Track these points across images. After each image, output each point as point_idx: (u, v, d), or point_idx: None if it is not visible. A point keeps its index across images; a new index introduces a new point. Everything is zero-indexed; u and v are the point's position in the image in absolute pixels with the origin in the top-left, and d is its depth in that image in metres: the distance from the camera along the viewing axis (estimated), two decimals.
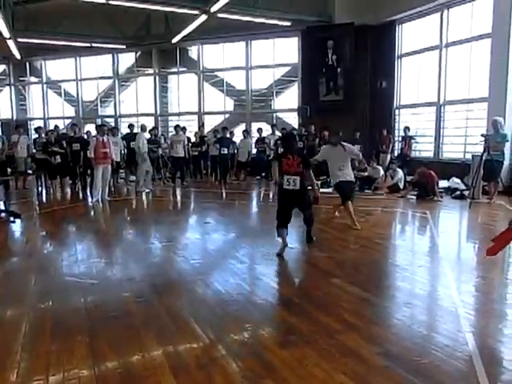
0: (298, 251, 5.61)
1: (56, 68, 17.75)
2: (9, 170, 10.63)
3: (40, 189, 11.27)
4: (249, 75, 14.79)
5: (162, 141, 12.68)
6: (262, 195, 10.70)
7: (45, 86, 17.72)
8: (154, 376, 2.59)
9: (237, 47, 14.79)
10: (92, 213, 8.61)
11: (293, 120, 14.38)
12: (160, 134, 13.34)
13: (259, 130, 13.03)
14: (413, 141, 11.76)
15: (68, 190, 11.02)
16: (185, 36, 13.29)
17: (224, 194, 10.22)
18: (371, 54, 12.84)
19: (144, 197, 10.77)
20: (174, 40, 13.77)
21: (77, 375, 2.61)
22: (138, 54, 16.20)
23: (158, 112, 16.16)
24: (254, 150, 12.97)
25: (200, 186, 11.33)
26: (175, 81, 16.22)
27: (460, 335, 3.08)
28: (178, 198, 10.64)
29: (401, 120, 12.85)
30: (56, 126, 12.97)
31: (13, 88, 18.05)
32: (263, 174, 12.90)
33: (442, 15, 11.13)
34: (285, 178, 5.03)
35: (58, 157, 10.55)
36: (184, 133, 12.35)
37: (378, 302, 3.75)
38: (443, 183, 9.75)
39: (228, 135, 12.16)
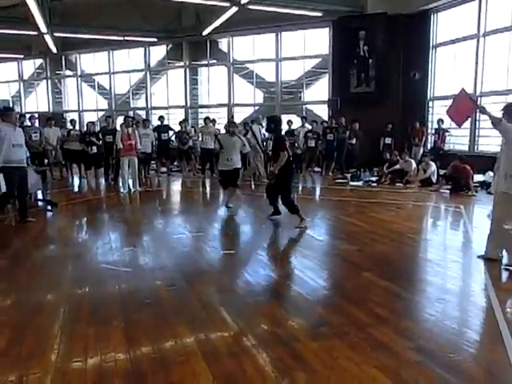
0: (328, 244, 5.60)
1: (90, 61, 18.11)
2: (45, 160, 10.95)
3: (74, 179, 11.60)
4: (279, 67, 14.72)
5: (193, 133, 12.81)
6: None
7: (79, 79, 18.13)
8: (187, 362, 2.65)
9: (267, 39, 14.72)
10: (125, 203, 8.80)
11: (323, 112, 14.25)
12: (190, 125, 13.47)
13: (289, 122, 12.97)
14: (447, 133, 11.48)
15: (101, 181, 11.28)
16: (215, 28, 13.33)
17: (253, 186, 10.26)
18: (404, 44, 12.53)
19: (176, 188, 10.95)
20: (205, 32, 13.84)
21: (113, 358, 2.70)
22: (169, 46, 16.34)
23: (189, 104, 16.30)
24: None
25: None
26: (205, 73, 16.30)
27: (495, 333, 3.02)
28: (208, 189, 10.75)
29: (434, 112, 12.55)
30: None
31: (49, 81, 18.55)
32: (293, 166, 12.82)
33: (480, 3, 10.76)
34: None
35: (94, 147, 10.83)
36: (214, 125, 12.43)
37: (409, 297, 3.71)
38: (478, 177, 9.48)
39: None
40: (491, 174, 9.56)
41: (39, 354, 2.76)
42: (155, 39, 15.33)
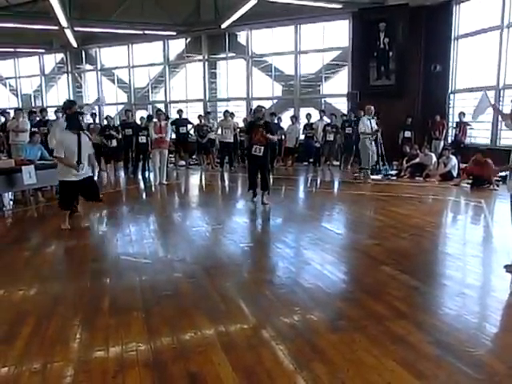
0: (347, 238, 5.58)
1: (109, 55, 18.26)
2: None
3: (95, 172, 11.76)
4: (297, 60, 14.62)
5: (215, 126, 12.84)
6: (309, 181, 10.66)
7: (99, 73, 18.31)
8: (205, 353, 2.69)
9: (286, 31, 14.62)
10: (144, 196, 8.91)
11: (342, 105, 14.13)
12: (212, 119, 13.51)
13: (308, 116, 12.91)
14: (468, 127, 11.28)
15: (121, 174, 11.42)
16: (234, 21, 13.29)
17: (271, 180, 10.23)
18: (425, 36, 12.31)
19: (194, 181, 11.03)
20: (224, 25, 13.80)
21: (135, 347, 2.76)
22: (188, 40, 16.38)
23: (207, 98, 16.34)
24: (302, 136, 12.89)
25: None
26: (224, 66, 16.29)
27: None
28: (226, 182, 10.80)
29: (455, 105, 12.33)
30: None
31: (70, 75, 18.78)
32: (311, 160, 12.82)
33: None
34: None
35: (113, 141, 10.96)
36: (232, 118, 12.45)
37: (428, 291, 3.68)
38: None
39: (276, 121, 12.14)
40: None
41: (62, 343, 2.83)
42: (174, 33, 15.37)
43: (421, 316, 3.17)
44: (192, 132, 12.64)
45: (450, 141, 11.81)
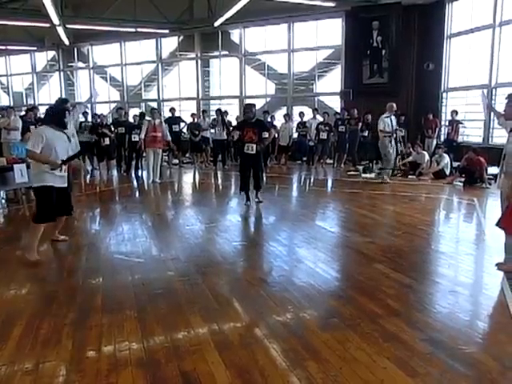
0: (340, 236, 5.59)
1: (102, 53, 18.15)
2: None
3: (86, 171, 11.69)
4: (291, 58, 14.63)
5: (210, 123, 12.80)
6: (302, 179, 10.67)
7: (91, 71, 18.20)
8: (199, 351, 2.68)
9: (279, 30, 14.62)
10: (137, 194, 8.87)
11: (335, 103, 14.15)
12: (202, 117, 13.48)
13: (301, 114, 12.92)
14: (460, 125, 11.34)
15: (114, 172, 11.35)
16: (227, 19, 13.26)
17: (264, 178, 10.23)
18: (418, 34, 12.37)
19: (188, 180, 10.99)
20: (217, 23, 13.76)
21: (127, 347, 2.74)
22: (181, 38, 16.32)
23: (200, 96, 16.30)
24: (296, 134, 12.89)
25: None
26: (217, 65, 16.26)
27: (509, 325, 3.00)
28: (220, 181, 10.77)
29: (448, 103, 12.39)
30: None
31: (62, 73, 18.65)
32: (304, 159, 12.84)
33: None
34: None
35: (106, 139, 10.90)
36: (226, 116, 12.41)
37: (421, 289, 3.69)
38: (493, 170, 9.34)
39: (269, 119, 12.14)
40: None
41: (54, 342, 2.81)
42: (167, 31, 15.30)
43: (413, 314, 3.18)
44: (185, 130, 12.60)
45: (442, 139, 11.87)
